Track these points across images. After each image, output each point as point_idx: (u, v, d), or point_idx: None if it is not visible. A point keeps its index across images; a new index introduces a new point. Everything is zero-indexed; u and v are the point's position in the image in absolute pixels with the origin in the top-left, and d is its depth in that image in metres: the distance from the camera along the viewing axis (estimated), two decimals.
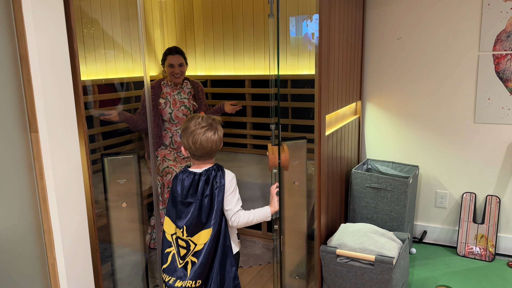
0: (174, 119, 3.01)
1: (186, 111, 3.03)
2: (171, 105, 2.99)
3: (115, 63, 3.43)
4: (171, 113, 2.99)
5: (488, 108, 2.92)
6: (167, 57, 2.99)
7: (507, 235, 2.99)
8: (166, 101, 3.00)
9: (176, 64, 2.96)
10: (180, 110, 3.01)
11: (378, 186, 2.84)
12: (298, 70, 3.31)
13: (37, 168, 1.71)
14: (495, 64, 2.85)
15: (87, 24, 3.16)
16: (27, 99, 1.66)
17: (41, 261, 1.79)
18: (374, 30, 3.16)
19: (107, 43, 3.33)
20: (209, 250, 1.67)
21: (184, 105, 3.03)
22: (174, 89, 3.04)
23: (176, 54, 2.97)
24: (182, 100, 3.03)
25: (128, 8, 3.48)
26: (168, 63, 2.98)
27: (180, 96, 3.04)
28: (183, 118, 3.01)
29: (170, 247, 1.74)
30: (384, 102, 3.23)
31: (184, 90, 3.09)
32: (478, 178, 3.03)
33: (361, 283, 2.32)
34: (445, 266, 2.88)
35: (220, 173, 1.71)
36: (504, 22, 2.77)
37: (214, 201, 1.68)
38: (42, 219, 1.76)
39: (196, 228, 1.67)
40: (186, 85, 3.11)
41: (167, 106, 2.99)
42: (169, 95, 3.01)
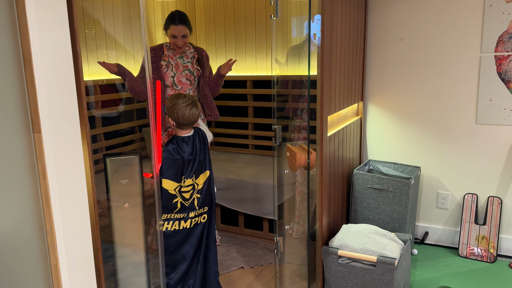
0: (177, 84, 2.83)
1: (189, 76, 2.85)
2: (173, 68, 2.81)
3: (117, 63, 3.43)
4: (173, 77, 2.80)
5: (490, 109, 2.92)
6: (170, 26, 2.75)
7: (508, 236, 2.99)
8: (168, 63, 2.82)
9: (179, 35, 2.74)
10: (183, 74, 2.82)
11: (380, 187, 2.84)
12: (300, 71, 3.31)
13: (39, 169, 1.72)
14: (497, 65, 2.85)
15: (89, 24, 3.17)
16: (30, 99, 1.67)
17: (43, 261, 1.79)
18: (376, 31, 3.16)
19: (109, 44, 3.34)
20: (206, 186, 2.33)
21: (187, 69, 2.84)
22: (177, 53, 2.84)
23: (180, 25, 2.72)
24: (186, 64, 2.84)
25: (130, 9, 3.48)
26: (171, 33, 2.76)
27: (183, 60, 2.85)
28: (186, 84, 2.85)
29: (176, 198, 2.26)
30: (386, 103, 3.23)
31: (187, 54, 2.88)
32: (480, 179, 3.03)
33: (362, 284, 2.32)
34: (447, 267, 2.88)
35: (202, 132, 2.36)
36: (506, 24, 2.77)
37: (206, 151, 2.33)
38: (45, 219, 1.76)
39: (198, 173, 2.29)
40: (188, 49, 2.90)
41: (169, 69, 2.81)
42: (171, 58, 2.82)
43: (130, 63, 3.56)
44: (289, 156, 1.98)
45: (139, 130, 3.64)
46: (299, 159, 1.85)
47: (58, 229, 1.76)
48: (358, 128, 3.20)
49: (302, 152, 1.88)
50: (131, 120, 3.59)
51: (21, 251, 1.71)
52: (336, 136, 2.65)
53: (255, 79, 3.61)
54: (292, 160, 1.93)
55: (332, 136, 2.56)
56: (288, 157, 2.00)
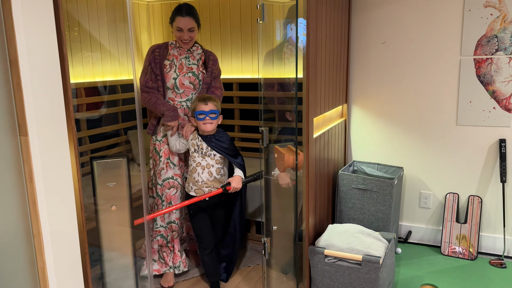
0: (179, 87, 2.57)
1: (193, 79, 2.60)
2: (176, 69, 2.56)
3: (102, 66, 3.42)
4: (175, 79, 2.55)
5: (469, 111, 3.00)
6: (176, 18, 2.50)
7: (488, 234, 3.08)
8: (171, 63, 2.57)
9: (185, 28, 2.49)
10: (186, 77, 2.57)
11: (364, 187, 2.89)
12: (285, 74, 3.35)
13: (26, 172, 1.71)
14: (476, 68, 2.93)
15: (73, 26, 3.15)
16: (17, 102, 1.66)
17: (30, 265, 1.78)
18: (359, 34, 3.23)
19: (94, 46, 3.32)
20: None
21: (191, 72, 2.58)
22: (182, 52, 2.59)
23: (187, 16, 2.48)
24: (190, 66, 2.59)
25: (115, 11, 3.48)
26: (176, 26, 2.50)
27: (189, 61, 2.59)
28: (189, 87, 2.59)
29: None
30: (369, 104, 3.30)
31: (194, 55, 2.62)
32: (460, 179, 3.11)
33: (349, 283, 2.36)
34: (430, 265, 2.95)
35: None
36: (485, 27, 2.86)
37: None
38: (32, 222, 1.75)
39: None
40: (196, 49, 2.65)
41: (171, 70, 2.55)
42: (175, 58, 2.58)
43: (115, 66, 3.54)
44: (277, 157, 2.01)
45: (124, 132, 3.63)
46: (287, 160, 1.88)
47: (45, 232, 1.75)
48: (342, 130, 3.25)
49: (290, 153, 1.91)
50: (116, 122, 3.57)
51: (8, 255, 1.69)
52: (322, 138, 2.69)
53: (241, 81, 3.64)
54: (280, 161, 1.96)
55: (318, 137, 2.60)
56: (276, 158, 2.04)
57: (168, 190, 2.61)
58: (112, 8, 3.44)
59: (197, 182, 2.49)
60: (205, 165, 2.48)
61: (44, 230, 1.75)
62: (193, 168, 2.50)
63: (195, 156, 2.50)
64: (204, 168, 2.48)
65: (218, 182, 2.51)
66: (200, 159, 2.49)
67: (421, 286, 2.68)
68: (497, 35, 2.83)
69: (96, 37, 3.34)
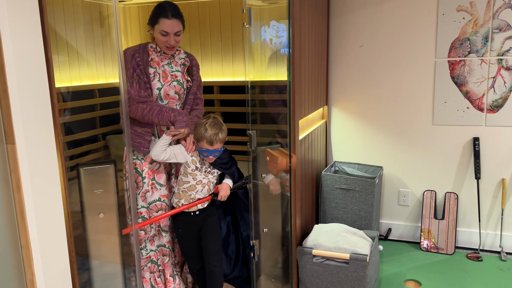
0: (163, 98, 2.29)
1: (179, 88, 2.32)
2: (160, 78, 2.27)
3: (79, 70, 3.34)
4: (160, 89, 2.27)
5: (445, 111, 3.12)
6: (160, 20, 2.17)
7: (465, 229, 3.20)
8: (155, 71, 2.27)
9: (172, 32, 2.19)
10: (171, 86, 2.29)
11: (347, 187, 2.95)
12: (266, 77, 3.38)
13: (13, 181, 1.65)
14: (450, 69, 3.05)
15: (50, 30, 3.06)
16: (3, 109, 1.60)
17: (18, 277, 1.72)
18: (338, 38, 3.29)
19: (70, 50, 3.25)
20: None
21: (176, 80, 2.30)
22: (164, 58, 2.30)
23: (174, 19, 2.17)
24: (174, 73, 2.31)
25: (91, 14, 3.41)
26: (161, 29, 2.17)
27: (171, 67, 2.31)
28: (174, 98, 2.32)
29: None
30: (348, 106, 3.37)
31: (176, 60, 2.35)
32: (437, 177, 3.22)
33: (337, 281, 2.41)
34: (411, 261, 3.04)
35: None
36: (458, 31, 2.98)
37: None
38: (20, 233, 1.70)
39: None
40: (178, 54, 2.37)
41: (155, 79, 2.26)
42: (157, 64, 2.28)
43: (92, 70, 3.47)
44: (269, 160, 2.03)
45: (103, 138, 3.55)
46: (280, 163, 1.91)
47: (34, 243, 1.70)
48: (323, 131, 3.31)
49: (283, 156, 1.93)
50: (94, 128, 3.50)
51: None
52: (306, 140, 2.73)
53: (222, 84, 3.64)
54: (273, 164, 1.98)
55: (303, 139, 2.64)
56: (269, 161, 2.05)
57: (156, 213, 2.38)
58: (88, 11, 3.37)
59: (193, 199, 2.34)
60: (206, 182, 2.35)
61: (33, 241, 1.70)
62: (192, 185, 2.31)
63: (197, 174, 2.31)
64: (205, 185, 2.34)
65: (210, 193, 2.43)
66: (202, 177, 2.32)
67: (404, 281, 2.76)
68: (469, 38, 2.96)
69: (72, 41, 3.26)
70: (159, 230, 2.45)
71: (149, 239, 2.42)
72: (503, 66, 2.92)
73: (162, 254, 2.47)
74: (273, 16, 2.69)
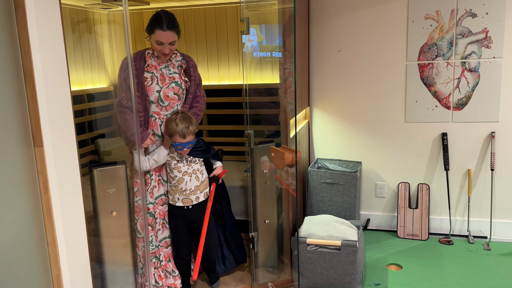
0: (163, 100, 2.43)
1: (177, 89, 2.46)
2: (158, 81, 2.41)
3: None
4: (159, 91, 2.41)
5: (416, 109, 3.42)
6: (156, 31, 2.32)
7: (436, 216, 3.52)
8: (152, 75, 2.41)
9: (166, 43, 2.34)
10: (170, 88, 2.43)
11: (331, 181, 3.19)
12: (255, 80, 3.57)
13: (41, 182, 1.75)
14: (420, 72, 3.36)
15: None
16: (31, 114, 1.71)
17: (45, 273, 1.82)
18: (318, 43, 3.53)
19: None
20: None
21: (174, 82, 2.45)
22: (161, 62, 2.45)
23: (169, 31, 2.32)
24: (172, 75, 2.45)
25: (79, 21, 3.47)
26: (157, 39, 2.34)
27: (169, 70, 2.46)
28: (174, 99, 2.47)
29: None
30: (328, 107, 3.62)
31: (173, 63, 2.49)
32: (410, 169, 3.52)
33: (330, 267, 2.63)
34: (390, 247, 3.32)
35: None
36: (426, 36, 3.29)
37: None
38: (46, 231, 1.80)
39: None
40: (175, 56, 2.51)
41: (154, 82, 2.40)
42: (155, 68, 2.42)
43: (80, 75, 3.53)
44: (274, 156, 2.21)
45: (91, 142, 3.62)
46: (287, 158, 2.09)
47: (60, 240, 1.81)
48: (306, 131, 3.53)
49: (288, 151, 2.12)
50: (83, 132, 3.55)
51: (23, 263, 1.73)
52: (294, 139, 2.94)
53: (208, 88, 3.79)
54: (279, 159, 2.17)
55: (292, 138, 2.84)
56: (274, 157, 2.23)
57: (161, 207, 2.55)
58: (77, 18, 3.43)
59: (185, 191, 2.48)
60: (192, 171, 2.49)
61: (59, 238, 1.80)
62: (180, 178, 2.46)
63: (180, 166, 2.46)
64: (191, 174, 2.48)
65: (204, 184, 2.56)
66: (186, 168, 2.47)
67: (387, 265, 3.03)
68: (436, 43, 3.28)
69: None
70: (163, 223, 2.58)
71: (154, 234, 2.55)
72: (466, 68, 3.25)
73: (166, 246, 2.60)
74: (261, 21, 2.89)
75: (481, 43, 3.19)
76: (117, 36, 3.91)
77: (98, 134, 3.67)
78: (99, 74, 3.76)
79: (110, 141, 3.69)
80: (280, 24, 2.65)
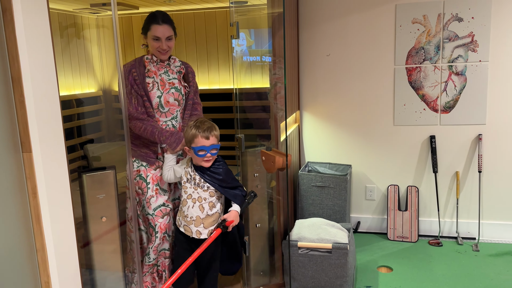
0: (164, 106, 2.35)
1: (177, 95, 2.38)
2: (159, 86, 2.34)
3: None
4: (160, 97, 2.33)
5: (404, 113, 3.46)
6: (152, 26, 2.28)
7: (425, 218, 3.55)
8: (153, 81, 2.34)
9: (163, 37, 2.28)
10: (170, 94, 2.35)
11: (322, 185, 3.20)
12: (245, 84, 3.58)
13: (29, 188, 1.73)
14: (408, 75, 3.40)
15: None
16: (20, 119, 1.69)
17: (34, 279, 1.79)
18: (307, 48, 3.56)
19: None
20: None
21: (174, 87, 2.38)
22: (160, 67, 2.38)
23: (164, 24, 2.28)
24: (171, 81, 2.38)
25: (67, 27, 3.45)
26: (153, 35, 2.28)
27: (168, 75, 2.38)
28: (174, 105, 2.38)
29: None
30: (318, 111, 3.64)
31: (172, 68, 2.42)
32: (399, 172, 3.56)
33: (321, 269, 2.63)
34: (381, 249, 3.34)
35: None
36: (413, 41, 3.33)
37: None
38: (35, 237, 1.77)
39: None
40: (174, 62, 2.44)
41: (154, 88, 2.33)
42: (155, 74, 2.35)
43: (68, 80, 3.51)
44: (265, 160, 2.21)
45: (80, 147, 3.59)
46: (278, 161, 2.10)
47: (49, 246, 1.79)
48: (297, 134, 3.55)
49: (279, 155, 2.13)
50: (72, 137, 3.53)
51: (12, 269, 1.70)
52: (284, 142, 2.95)
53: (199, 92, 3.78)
54: (270, 163, 2.17)
55: (283, 142, 2.85)
56: (265, 161, 2.24)
57: (162, 219, 2.36)
58: (65, 23, 3.41)
59: (186, 217, 2.18)
60: (197, 198, 2.16)
61: (48, 245, 1.78)
62: (184, 200, 2.20)
63: (187, 186, 2.19)
64: (196, 201, 2.16)
65: (211, 221, 2.17)
66: (191, 191, 2.17)
67: (377, 268, 3.04)
68: (424, 47, 3.32)
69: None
70: (164, 237, 2.40)
71: (153, 248, 2.38)
72: (453, 72, 3.30)
73: (164, 257, 2.47)
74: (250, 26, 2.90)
75: (468, 47, 3.24)
76: (106, 41, 3.90)
77: (87, 139, 3.65)
78: (87, 78, 3.74)
79: (99, 146, 3.67)
80: (270, 28, 2.67)
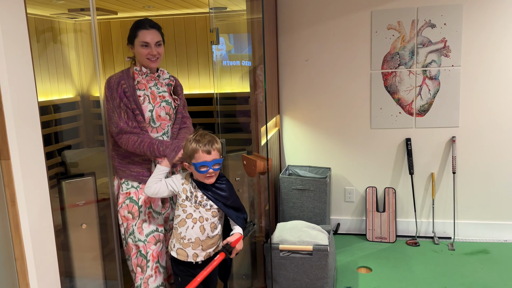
0: (155, 121, 2.18)
1: (168, 109, 2.22)
2: (150, 100, 2.17)
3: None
4: (152, 111, 2.16)
5: (380, 116, 3.54)
6: (139, 32, 2.11)
7: (403, 219, 3.64)
8: (144, 94, 2.16)
9: (152, 42, 2.11)
10: (162, 108, 2.19)
11: (302, 188, 3.25)
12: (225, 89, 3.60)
13: (8, 195, 1.71)
14: (384, 80, 3.49)
15: None
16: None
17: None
18: (286, 53, 3.61)
19: None
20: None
21: (165, 101, 2.21)
22: (150, 80, 2.21)
23: (152, 29, 2.13)
24: (162, 94, 2.22)
25: (44, 31, 3.40)
26: (141, 41, 2.11)
27: (158, 88, 2.22)
28: (165, 119, 2.22)
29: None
30: (298, 115, 3.69)
31: (161, 81, 2.25)
32: (377, 174, 3.63)
33: (302, 271, 2.67)
34: (360, 250, 3.40)
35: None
36: (389, 46, 3.42)
37: None
38: (14, 245, 1.75)
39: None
40: (162, 74, 2.28)
41: (146, 101, 2.15)
42: (145, 87, 2.18)
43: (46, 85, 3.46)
44: (246, 164, 2.24)
45: (58, 154, 3.53)
46: (258, 166, 2.13)
47: (28, 255, 1.77)
48: (277, 138, 3.59)
49: (260, 159, 2.16)
50: (50, 144, 3.47)
51: None
52: (265, 146, 2.98)
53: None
54: (251, 168, 2.19)
55: (264, 146, 2.89)
56: (246, 165, 2.26)
57: (155, 246, 2.13)
58: (42, 28, 3.37)
59: (183, 239, 1.96)
60: (198, 217, 1.96)
61: (28, 253, 1.76)
62: (182, 220, 1.97)
63: (187, 205, 1.97)
64: (196, 221, 1.96)
65: (210, 243, 2.00)
66: (192, 210, 1.97)
67: (357, 268, 3.10)
68: (399, 52, 3.42)
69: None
70: (157, 268, 2.16)
71: (144, 280, 2.14)
72: (427, 76, 3.40)
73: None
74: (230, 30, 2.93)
75: (441, 52, 3.35)
76: (84, 46, 3.86)
77: (65, 145, 3.60)
78: (65, 84, 3.69)
79: (77, 153, 3.62)
80: (249, 33, 2.70)
